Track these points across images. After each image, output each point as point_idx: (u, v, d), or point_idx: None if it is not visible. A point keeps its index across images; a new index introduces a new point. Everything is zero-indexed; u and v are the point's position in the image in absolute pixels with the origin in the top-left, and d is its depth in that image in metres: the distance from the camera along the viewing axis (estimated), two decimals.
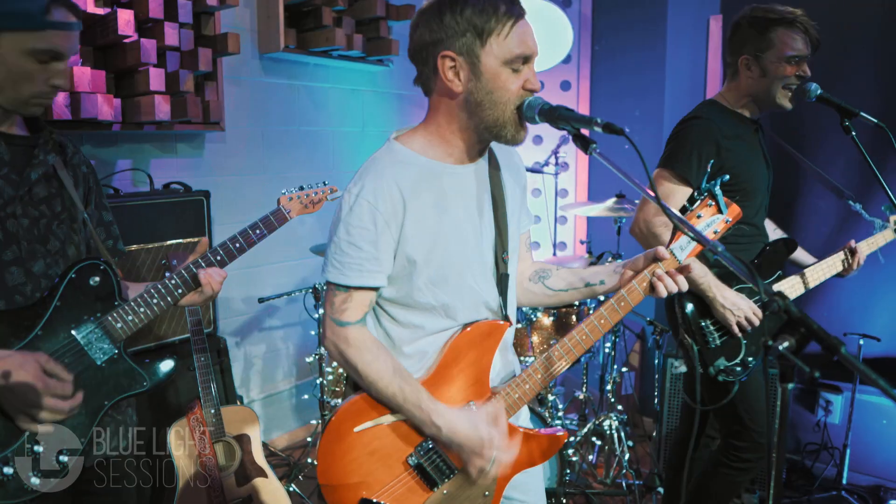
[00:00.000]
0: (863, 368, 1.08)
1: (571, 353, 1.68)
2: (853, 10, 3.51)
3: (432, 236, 1.57)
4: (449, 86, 1.52)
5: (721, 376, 2.39)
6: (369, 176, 1.55)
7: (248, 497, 2.72)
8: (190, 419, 2.63)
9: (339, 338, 1.59)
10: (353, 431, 1.60)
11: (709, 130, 2.38)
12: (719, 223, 1.66)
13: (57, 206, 1.70)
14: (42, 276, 1.65)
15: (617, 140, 1.49)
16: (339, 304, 1.58)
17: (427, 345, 1.65)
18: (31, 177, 1.64)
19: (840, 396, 3.68)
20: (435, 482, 1.64)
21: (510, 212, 1.71)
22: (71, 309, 1.65)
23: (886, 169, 2.48)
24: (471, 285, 1.64)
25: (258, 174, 3.76)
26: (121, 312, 1.70)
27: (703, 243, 1.34)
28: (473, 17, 1.47)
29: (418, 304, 1.61)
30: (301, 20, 3.74)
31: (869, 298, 3.61)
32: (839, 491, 3.48)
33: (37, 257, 1.65)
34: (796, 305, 1.18)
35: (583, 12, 4.47)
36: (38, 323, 1.61)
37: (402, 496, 1.63)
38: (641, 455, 3.90)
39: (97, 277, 1.69)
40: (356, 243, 1.53)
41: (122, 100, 2.92)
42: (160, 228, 2.98)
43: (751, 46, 2.42)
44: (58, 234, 1.70)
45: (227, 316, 3.69)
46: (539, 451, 1.76)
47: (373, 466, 1.61)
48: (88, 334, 1.66)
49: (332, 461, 1.60)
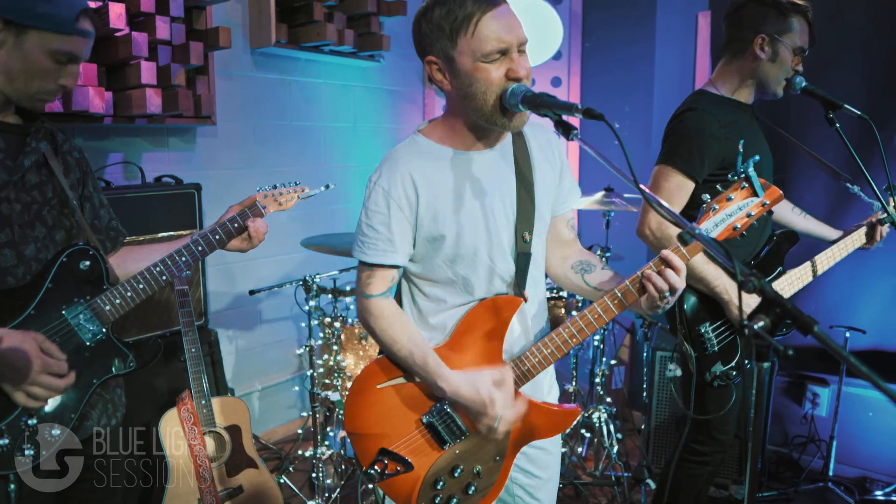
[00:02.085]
0: (835, 347, 1.10)
1: (583, 331, 1.70)
2: (840, 3, 3.55)
3: (449, 217, 1.69)
4: (440, 86, 1.65)
5: (716, 382, 2.39)
6: (386, 166, 1.71)
7: (239, 487, 2.74)
8: (180, 410, 2.65)
9: (364, 308, 1.77)
10: (375, 388, 1.77)
11: (705, 122, 2.32)
12: (754, 206, 1.58)
13: (48, 192, 1.76)
14: (33, 260, 1.71)
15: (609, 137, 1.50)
16: (364, 279, 1.76)
17: (448, 318, 1.79)
18: (25, 163, 1.70)
19: (827, 389, 3.72)
20: (446, 441, 1.76)
21: (538, 192, 1.78)
22: (62, 291, 1.70)
23: (872, 162, 2.49)
24: (486, 262, 1.74)
25: (249, 168, 3.77)
26: (109, 295, 1.75)
27: (681, 225, 1.36)
28: (441, 21, 1.55)
29: (440, 278, 1.76)
30: (292, 15, 3.76)
31: (855, 291, 3.64)
32: (826, 483, 3.52)
33: (28, 241, 1.70)
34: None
35: (573, 9, 4.50)
36: (31, 303, 1.66)
37: (417, 450, 1.77)
38: (630, 448, 3.93)
39: (87, 262, 1.74)
40: (373, 226, 1.70)
41: (113, 93, 2.93)
42: (151, 221, 3.00)
43: (771, 26, 2.32)
44: (47, 219, 1.75)
45: (218, 309, 3.70)
46: (552, 423, 1.83)
47: (392, 421, 1.76)
48: (78, 315, 1.72)
49: (357, 412, 1.78)
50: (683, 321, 2.38)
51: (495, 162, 1.74)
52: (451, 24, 1.54)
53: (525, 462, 1.92)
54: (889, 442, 3.57)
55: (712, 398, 2.45)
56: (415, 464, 1.76)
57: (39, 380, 1.59)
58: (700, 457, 2.57)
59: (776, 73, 2.37)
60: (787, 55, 2.34)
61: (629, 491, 3.40)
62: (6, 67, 1.61)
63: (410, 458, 1.76)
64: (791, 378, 3.84)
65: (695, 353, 2.38)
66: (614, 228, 3.81)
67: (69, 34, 1.63)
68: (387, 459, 1.76)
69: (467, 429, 1.75)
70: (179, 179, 3.18)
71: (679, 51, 4.21)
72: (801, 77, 2.37)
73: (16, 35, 1.59)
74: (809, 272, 2.54)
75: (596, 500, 3.44)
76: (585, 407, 3.81)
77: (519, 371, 1.75)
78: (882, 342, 3.57)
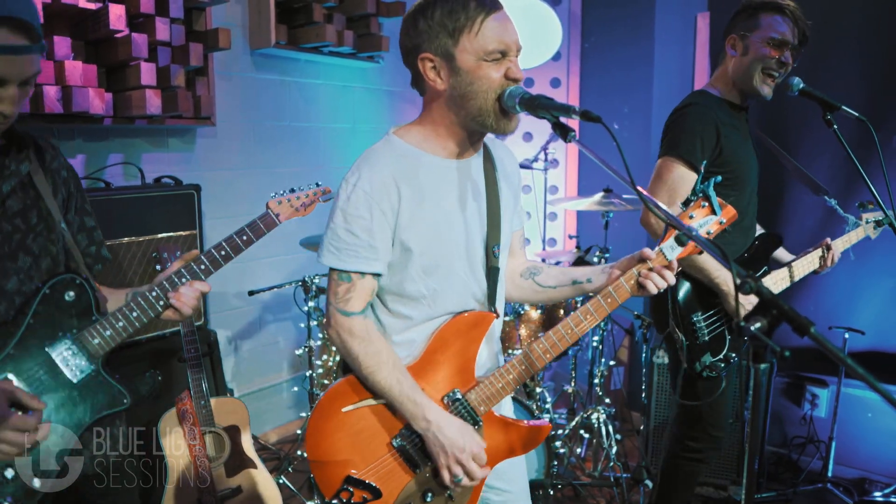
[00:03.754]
0: (831, 348, 1.11)
1: (556, 346, 1.71)
2: (838, 5, 3.55)
3: (426, 226, 1.63)
4: (433, 85, 1.60)
5: (705, 373, 2.41)
6: (366, 166, 1.62)
7: (238, 488, 2.74)
8: (180, 410, 2.65)
9: (342, 328, 1.65)
10: (341, 411, 1.67)
11: (707, 115, 2.40)
12: (713, 224, 1.68)
13: (33, 218, 1.61)
14: (16, 294, 1.57)
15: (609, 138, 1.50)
16: (342, 293, 1.64)
17: (416, 334, 1.71)
18: (3, 189, 1.54)
19: (826, 390, 3.73)
20: (418, 464, 1.69)
21: (503, 209, 1.77)
22: (44, 326, 1.57)
23: (870, 164, 2.50)
24: (460, 276, 1.70)
25: (249, 169, 3.78)
26: (98, 328, 1.62)
27: (678, 227, 1.36)
28: (443, 19, 1.55)
29: (408, 293, 1.68)
30: (292, 16, 3.76)
31: (854, 293, 3.64)
32: (825, 484, 3.52)
33: (10, 274, 1.56)
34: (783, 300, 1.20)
35: (572, 10, 4.51)
36: (10, 342, 1.54)
37: (386, 476, 1.69)
38: (629, 449, 3.93)
39: (72, 292, 1.61)
40: (353, 231, 1.59)
41: (113, 94, 2.94)
42: (151, 222, 3.00)
43: (739, 27, 2.46)
44: (32, 248, 1.60)
45: (217, 310, 3.70)
46: (521, 441, 1.79)
47: (359, 445, 1.67)
48: (64, 351, 1.59)
49: (321, 438, 1.67)
50: (676, 308, 2.40)
51: (470, 172, 1.71)
52: (454, 23, 1.54)
53: (493, 479, 1.84)
54: (888, 443, 3.57)
55: (702, 389, 2.46)
56: (383, 490, 1.68)
57: (3, 436, 1.44)
58: (695, 453, 2.59)
59: (747, 66, 2.45)
60: (758, 47, 2.42)
61: (628, 492, 3.40)
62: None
63: (379, 485, 1.68)
64: (790, 379, 3.84)
65: (686, 341, 2.40)
66: (613, 229, 3.82)
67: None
68: (353, 488, 1.67)
69: None
70: (179, 180, 3.18)
71: (678, 51, 4.21)
72: (799, 79, 2.39)
73: None
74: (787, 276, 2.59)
75: (595, 500, 3.44)
76: (584, 408, 3.81)
77: (493, 390, 1.72)
78: (881, 343, 3.57)
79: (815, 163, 3.56)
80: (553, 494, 3.24)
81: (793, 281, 2.59)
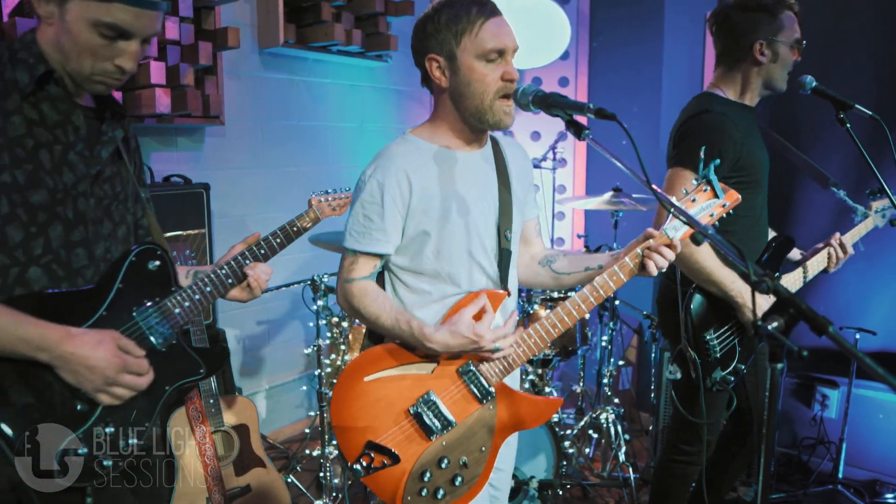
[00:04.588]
0: (849, 347, 1.09)
1: (564, 321, 1.80)
2: (849, 2, 3.53)
3: (439, 211, 1.78)
4: (438, 83, 1.79)
5: (715, 388, 2.39)
6: (381, 160, 1.80)
7: (247, 487, 2.74)
8: (189, 409, 2.65)
9: (345, 292, 1.83)
10: (363, 380, 1.80)
11: (724, 124, 2.31)
12: (716, 207, 1.71)
13: (118, 186, 1.64)
14: (101, 260, 1.59)
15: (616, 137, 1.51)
16: (347, 266, 1.83)
17: (434, 311, 1.85)
18: (102, 154, 1.57)
19: (837, 391, 3.70)
20: (433, 431, 1.78)
21: (515, 197, 1.92)
22: (132, 292, 1.59)
23: (883, 162, 2.48)
24: (473, 257, 1.84)
25: (257, 168, 3.78)
26: (178, 298, 1.64)
27: (695, 226, 1.35)
28: (448, 23, 1.73)
29: (426, 271, 1.83)
30: (300, 15, 3.76)
31: (866, 293, 3.62)
32: (835, 485, 3.50)
33: (99, 240, 1.59)
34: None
35: (581, 9, 4.50)
36: (102, 304, 1.55)
37: (404, 442, 1.79)
38: (638, 449, 3.92)
39: (156, 262, 1.62)
40: (368, 215, 1.78)
41: (122, 93, 2.94)
42: (160, 220, 2.94)
43: (764, 30, 2.35)
44: (114, 215, 1.63)
45: (226, 308, 3.70)
46: (532, 414, 1.89)
47: (379, 412, 1.79)
48: (149, 318, 1.61)
49: (344, 405, 1.81)
50: (688, 328, 2.36)
51: (480, 162, 1.87)
52: (457, 26, 1.71)
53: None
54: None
55: (708, 402, 2.45)
56: (401, 456, 1.78)
57: (120, 379, 1.49)
58: (687, 456, 2.58)
59: (780, 72, 2.41)
60: (787, 52, 2.38)
61: (637, 492, 3.39)
62: (58, 44, 1.46)
63: (397, 451, 1.78)
64: (800, 379, 3.82)
65: (699, 360, 2.37)
66: (622, 228, 3.81)
67: (108, 2, 1.41)
68: (373, 453, 1.78)
69: (453, 420, 1.79)
70: (188, 179, 3.19)
71: (687, 50, 4.20)
72: (812, 77, 2.36)
73: (58, 5, 1.43)
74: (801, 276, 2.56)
75: (603, 500, 3.43)
76: (593, 408, 3.80)
77: (504, 361, 1.81)
78: (893, 344, 3.54)
79: (827, 162, 3.53)
80: (562, 494, 3.23)
81: (805, 281, 2.56)
